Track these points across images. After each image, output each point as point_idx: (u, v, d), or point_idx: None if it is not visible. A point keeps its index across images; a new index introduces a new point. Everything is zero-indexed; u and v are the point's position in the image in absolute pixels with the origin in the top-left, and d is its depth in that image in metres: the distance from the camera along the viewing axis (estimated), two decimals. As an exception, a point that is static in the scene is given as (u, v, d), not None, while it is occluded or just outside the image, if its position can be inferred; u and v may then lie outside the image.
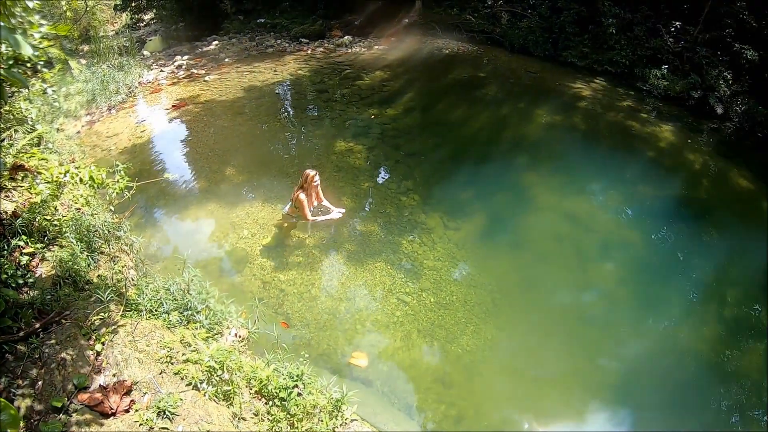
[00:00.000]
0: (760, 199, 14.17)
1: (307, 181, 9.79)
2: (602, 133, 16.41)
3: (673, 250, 11.57)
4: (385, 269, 9.55)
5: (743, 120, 18.34)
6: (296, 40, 23.24)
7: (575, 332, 9.00)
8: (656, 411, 8.09)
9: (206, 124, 14.44)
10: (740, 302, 10.45)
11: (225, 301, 7.04)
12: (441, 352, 8.18)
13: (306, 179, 9.78)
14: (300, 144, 14.01)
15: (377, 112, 15.72)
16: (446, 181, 12.50)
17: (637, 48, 21.05)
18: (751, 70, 19.25)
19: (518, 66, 21.15)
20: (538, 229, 11.28)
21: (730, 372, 8.96)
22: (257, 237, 9.96)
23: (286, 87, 17.87)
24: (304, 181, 9.81)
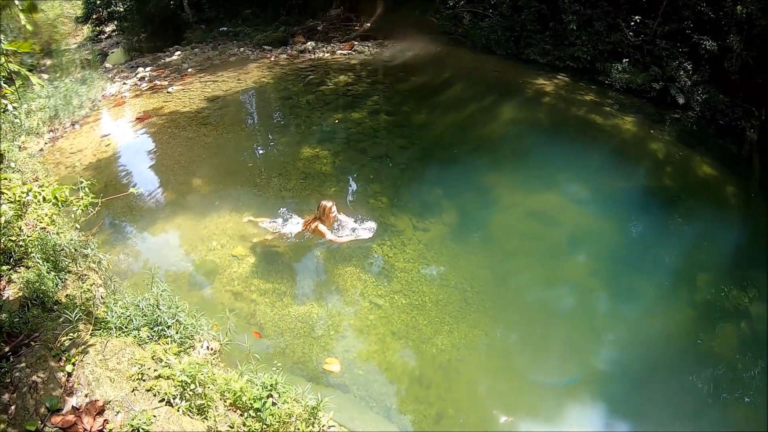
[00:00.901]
0: (724, 184, 14.49)
1: (324, 213, 9.84)
2: (566, 128, 16.61)
3: (642, 239, 11.82)
4: (356, 273, 9.57)
5: (705, 109, 18.71)
6: (259, 48, 23.18)
7: (549, 326, 9.11)
8: (634, 398, 8.23)
9: (171, 136, 14.36)
10: (710, 285, 10.65)
11: (196, 314, 7.01)
12: (416, 353, 8.21)
13: (323, 211, 9.84)
14: (266, 152, 14.04)
15: (342, 116, 15.74)
16: (413, 183, 12.56)
17: (598, 43, 21.35)
18: (711, 60, 19.59)
19: (481, 65, 21.29)
20: (506, 226, 11.38)
21: (705, 354, 9.15)
22: (226, 248, 9.91)
23: (251, 95, 17.84)
24: (321, 213, 9.87)
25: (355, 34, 23.94)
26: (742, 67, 18.96)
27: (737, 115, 18.47)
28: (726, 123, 18.37)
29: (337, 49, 22.52)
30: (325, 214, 9.82)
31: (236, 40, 24.55)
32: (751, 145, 17.22)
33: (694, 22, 20.34)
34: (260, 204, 11.28)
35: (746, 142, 17.41)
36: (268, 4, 27.11)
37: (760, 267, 11.31)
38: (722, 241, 11.89)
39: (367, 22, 24.81)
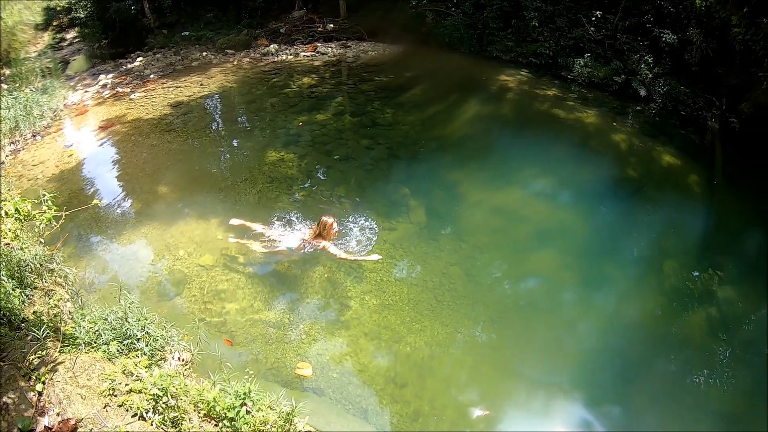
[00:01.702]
0: (687, 173, 14.77)
1: (325, 228, 9.84)
2: (530, 123, 16.75)
3: (609, 230, 11.98)
4: (326, 276, 9.60)
5: (666, 100, 19.01)
6: (222, 52, 22.97)
7: (522, 319, 9.28)
8: (610, 386, 8.40)
9: (135, 144, 14.21)
10: (679, 272, 10.91)
11: (165, 325, 6.99)
12: (389, 352, 8.28)
13: (324, 227, 9.83)
14: (231, 157, 13.96)
15: (306, 118, 15.73)
16: (380, 183, 12.63)
17: (560, 39, 21.55)
18: (671, 52, 19.94)
19: (445, 63, 21.37)
20: (474, 222, 11.50)
21: (677, 339, 9.41)
22: (194, 256, 9.87)
23: (214, 100, 17.72)
24: (322, 228, 9.86)
25: (318, 35, 23.85)
26: (702, 59, 19.29)
27: (698, 106, 18.82)
28: (687, 113, 18.68)
29: (300, 51, 22.44)
30: (326, 230, 9.83)
31: (198, 45, 24.31)
32: (713, 134, 17.53)
33: (655, 16, 20.73)
34: (227, 210, 11.21)
35: (708, 132, 17.72)
36: (229, 7, 26.95)
37: (725, 252, 11.65)
38: (688, 228, 12.18)
39: (330, 23, 24.76)
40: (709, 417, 8.21)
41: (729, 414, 8.29)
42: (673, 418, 8.14)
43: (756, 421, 8.20)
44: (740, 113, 17.67)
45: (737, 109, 17.88)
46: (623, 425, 7.85)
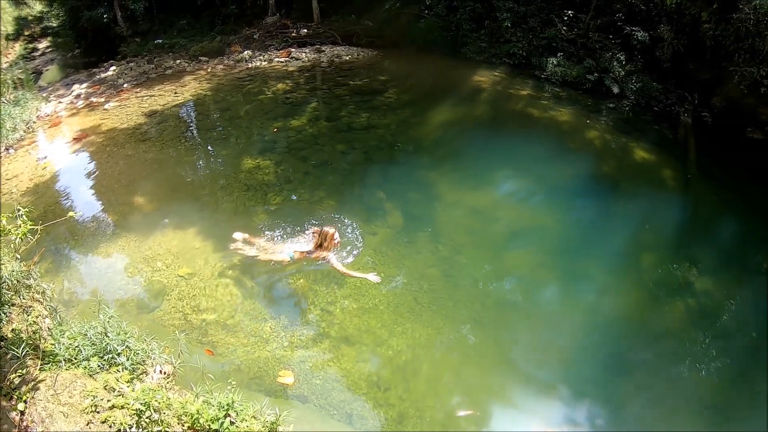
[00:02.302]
0: (662, 167, 14.99)
1: (326, 239, 9.68)
2: (505, 123, 16.91)
3: (585, 227, 12.12)
4: (306, 283, 9.59)
5: (639, 96, 19.27)
6: (195, 59, 22.84)
7: (502, 318, 9.36)
8: (593, 381, 8.51)
9: (110, 155, 14.09)
10: (657, 265, 11.07)
11: (146, 338, 6.98)
12: (372, 356, 8.32)
13: (326, 238, 9.68)
14: (207, 165, 13.93)
15: (281, 125, 15.68)
16: (357, 187, 12.68)
17: (533, 39, 21.74)
18: (643, 50, 20.21)
19: (418, 66, 21.42)
20: (451, 223, 11.55)
21: (657, 331, 9.56)
22: (172, 267, 9.82)
23: (189, 108, 17.63)
24: (323, 239, 9.70)
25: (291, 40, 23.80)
26: (674, 55, 19.57)
27: (671, 101, 19.10)
28: (661, 109, 18.94)
29: (274, 56, 22.35)
30: (327, 240, 9.70)
31: (172, 53, 24.18)
32: (686, 128, 17.79)
33: (626, 15, 21.01)
34: (204, 219, 11.20)
35: (681, 126, 17.97)
36: (202, 14, 26.86)
37: (701, 243, 11.85)
38: (664, 221, 12.39)
39: (304, 28, 24.74)
40: (693, 406, 8.37)
41: (712, 402, 8.47)
42: (657, 408, 8.27)
43: (737, 408, 8.42)
44: (712, 107, 17.96)
45: (709, 104, 18.18)
46: (608, 418, 7.98)
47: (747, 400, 8.62)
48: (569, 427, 7.72)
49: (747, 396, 8.68)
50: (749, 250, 12.01)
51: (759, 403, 8.43)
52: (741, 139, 16.35)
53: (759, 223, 12.94)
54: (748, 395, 8.68)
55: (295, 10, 26.69)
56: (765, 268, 11.47)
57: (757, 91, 15.81)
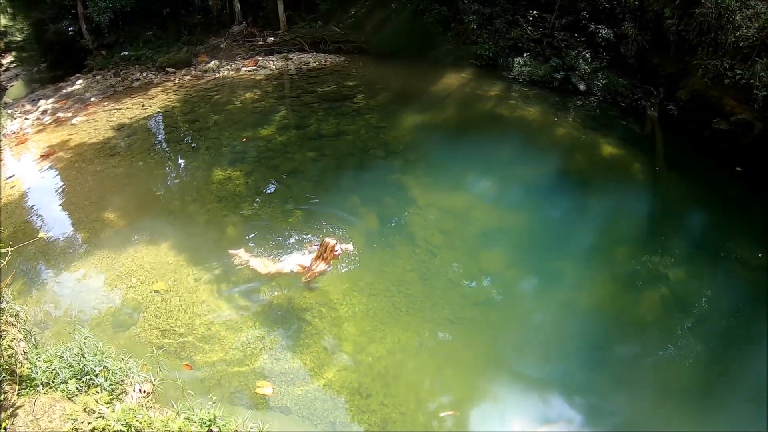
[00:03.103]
0: (630, 161, 15.22)
1: (327, 250, 9.43)
2: (475, 124, 17.08)
3: (557, 224, 12.34)
4: (282, 292, 9.60)
5: (605, 93, 19.56)
6: (162, 71, 22.67)
7: (479, 317, 9.47)
8: (573, 373, 8.70)
9: (79, 171, 13.96)
10: (630, 258, 11.29)
11: (123, 357, 6.89)
12: (352, 364, 8.36)
13: (326, 249, 9.43)
14: (178, 178, 13.89)
15: (250, 134, 15.66)
16: (329, 194, 12.66)
17: (499, 40, 21.93)
18: (608, 47, 20.50)
19: (386, 71, 21.49)
20: (425, 226, 11.64)
21: (634, 322, 9.79)
22: (146, 283, 9.76)
23: (157, 120, 17.50)
24: (324, 250, 9.46)
25: (259, 49, 23.74)
26: (638, 51, 19.91)
27: (637, 96, 19.47)
28: (627, 104, 19.28)
29: (241, 66, 22.28)
30: (327, 252, 9.47)
31: (138, 64, 23.94)
32: (653, 122, 18.07)
33: (590, 13, 21.32)
34: (176, 233, 11.16)
35: (647, 120, 18.27)
36: (168, 24, 26.67)
37: (672, 234, 12.10)
38: (635, 214, 12.62)
39: (271, 36, 24.67)
40: (672, 393, 8.57)
41: (690, 388, 8.69)
42: (637, 397, 8.44)
43: (714, 393, 8.65)
44: (678, 100, 18.22)
45: (675, 97, 18.45)
46: (589, 410, 8.12)
47: (724, 383, 8.84)
48: (559, 425, 7.84)
49: (723, 379, 8.89)
50: (719, 237, 12.33)
51: (735, 385, 8.71)
52: (707, 130, 16.62)
53: (727, 211, 13.30)
54: (724, 378, 8.90)
55: (262, 18, 26.62)
56: (735, 254, 11.72)
57: (721, 83, 16.10)
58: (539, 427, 7.72)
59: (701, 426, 7.97)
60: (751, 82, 14.93)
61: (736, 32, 15.76)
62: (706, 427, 7.96)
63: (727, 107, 16.19)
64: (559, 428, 7.79)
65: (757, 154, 15.04)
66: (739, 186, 14.50)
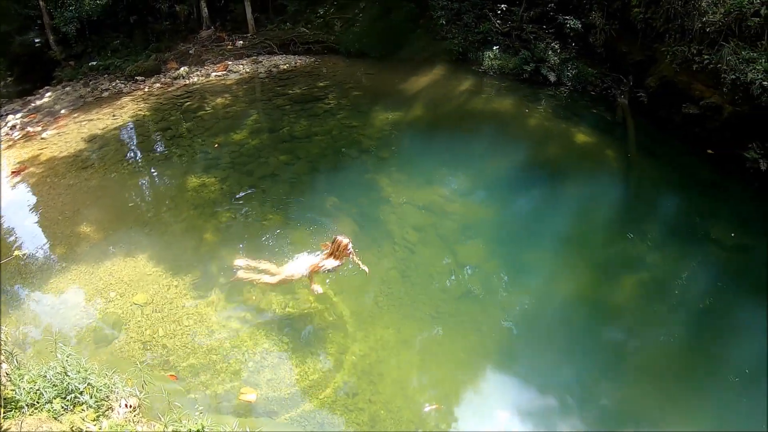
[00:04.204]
0: (603, 149, 15.55)
1: (339, 249, 9.08)
2: (447, 119, 17.25)
3: (533, 214, 12.57)
4: (263, 298, 9.66)
5: (576, 83, 19.79)
6: (132, 79, 22.35)
7: (460, 311, 9.65)
8: (554, 361, 8.90)
9: (51, 186, 13.79)
10: (607, 244, 11.61)
11: (107, 373, 6.86)
12: (337, 364, 8.46)
13: (338, 247, 9.07)
14: (152, 187, 13.83)
15: (222, 140, 15.62)
16: (304, 196, 12.76)
17: (468, 34, 22.02)
18: (576, 37, 20.72)
19: (356, 70, 21.52)
20: (402, 223, 11.78)
21: (613, 306, 10.06)
22: (126, 296, 9.73)
23: (129, 130, 17.32)
24: (336, 248, 9.10)
25: (228, 53, 23.58)
26: (606, 40, 20.08)
27: (607, 84, 19.67)
28: (597, 93, 19.50)
29: (211, 71, 22.12)
30: (340, 250, 9.11)
31: (107, 74, 23.62)
32: (623, 109, 18.27)
33: (558, 4, 21.56)
34: (153, 244, 11.13)
35: (618, 108, 18.48)
36: (135, 31, 26.40)
37: (646, 219, 12.42)
38: (610, 201, 12.94)
39: (240, 39, 24.52)
40: (655, 376, 8.80)
41: (670, 371, 8.93)
42: (622, 382, 8.68)
43: (696, 373, 8.94)
44: (647, 87, 18.37)
45: (644, 84, 18.59)
46: (575, 397, 8.32)
47: (703, 362, 9.11)
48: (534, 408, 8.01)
49: (702, 359, 9.16)
50: (693, 219, 12.63)
51: (714, 364, 9.04)
52: (677, 115, 16.80)
53: (700, 194, 13.61)
54: (703, 358, 9.16)
55: (230, 21, 26.44)
56: (710, 236, 11.95)
57: (689, 68, 16.28)
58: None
59: (686, 407, 8.19)
60: (719, 66, 15.11)
61: (702, 18, 15.94)
62: (691, 408, 8.19)
63: (696, 92, 16.37)
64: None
65: (727, 137, 15.21)
66: (711, 168, 14.77)
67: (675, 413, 8.18)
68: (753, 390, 8.53)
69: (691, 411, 8.23)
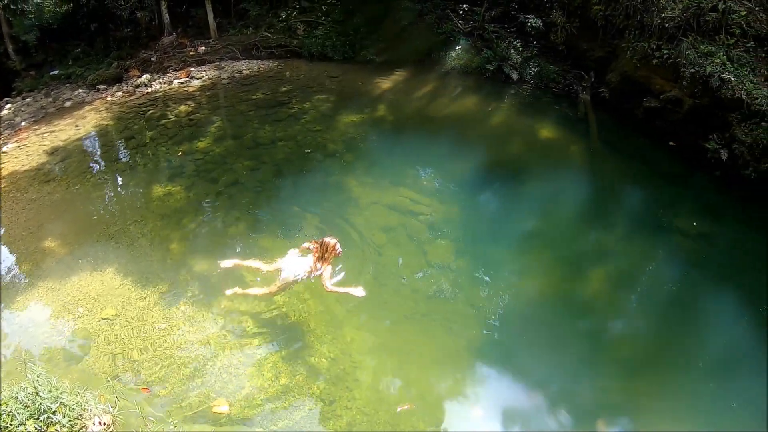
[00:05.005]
0: (567, 144, 15.84)
1: (327, 250, 9.01)
2: (411, 120, 17.30)
3: (500, 211, 12.78)
4: (232, 305, 9.62)
5: (538, 80, 19.97)
6: (94, 88, 22.04)
7: (431, 310, 9.75)
8: (528, 356, 9.04)
9: (13, 201, 13.55)
10: (572, 238, 11.81)
11: (79, 390, 6.79)
12: (309, 370, 8.46)
13: (327, 249, 9.00)
14: (117, 199, 13.68)
15: (186, 148, 15.53)
16: (272, 202, 12.79)
17: (431, 35, 22.12)
18: (538, 36, 20.93)
19: (319, 74, 21.47)
20: (370, 225, 11.83)
21: (582, 299, 10.27)
22: (94, 311, 9.62)
23: (92, 140, 17.10)
24: (324, 250, 9.02)
25: (190, 59, 23.41)
26: (567, 38, 20.27)
27: (569, 81, 19.90)
28: (560, 90, 19.74)
29: (173, 78, 21.93)
30: (328, 251, 9.04)
31: (69, 83, 23.30)
32: (585, 105, 18.50)
33: (519, 3, 21.81)
34: (120, 257, 11.03)
35: (581, 104, 18.69)
36: (97, 39, 26.11)
37: (613, 212, 12.69)
38: (575, 195, 13.12)
39: (202, 45, 24.36)
40: (627, 367, 9.01)
41: (643, 361, 9.13)
42: (597, 373, 8.86)
43: (664, 364, 9.09)
44: (608, 83, 18.63)
45: (605, 80, 18.85)
46: (546, 393, 8.44)
47: (674, 350, 9.30)
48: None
49: (674, 347, 9.35)
50: (657, 210, 12.81)
51: (685, 351, 9.26)
52: (638, 109, 17.10)
53: (663, 185, 13.87)
54: (674, 346, 9.35)
55: (192, 27, 26.25)
56: (674, 226, 12.21)
57: (649, 63, 16.54)
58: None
59: (661, 395, 8.38)
60: (678, 60, 15.39)
61: (661, 14, 16.22)
62: (666, 395, 8.37)
63: (657, 86, 16.66)
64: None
65: (688, 129, 15.53)
66: (673, 160, 15.09)
67: (651, 402, 8.35)
68: (723, 375, 8.79)
69: (666, 399, 8.37)
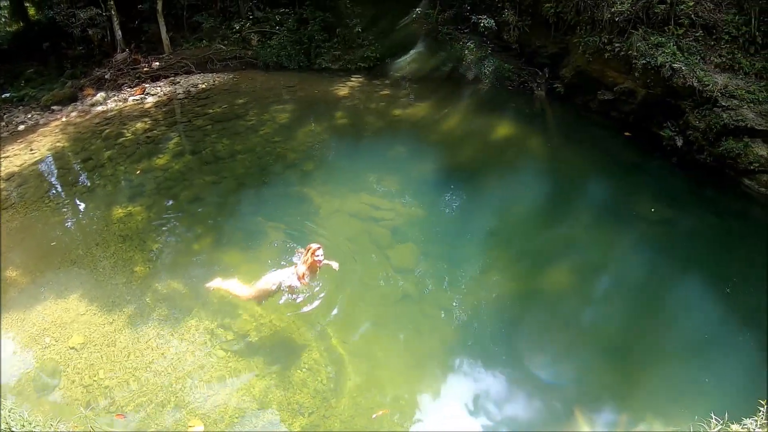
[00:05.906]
0: (525, 140, 16.19)
1: (309, 253, 9.16)
2: (369, 126, 17.54)
3: (461, 211, 12.83)
4: (202, 324, 9.60)
5: (493, 79, 20.28)
6: (48, 110, 21.75)
7: (400, 314, 9.89)
8: (497, 352, 9.10)
9: (-30, 232, 13.26)
10: (535, 231, 11.97)
11: (52, 423, 6.75)
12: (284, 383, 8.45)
13: (309, 253, 9.17)
14: (77, 223, 13.49)
15: (145, 166, 15.42)
16: (234, 216, 12.77)
17: (385, 40, 22.48)
18: (491, 35, 21.18)
19: (276, 83, 21.55)
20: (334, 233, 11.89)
21: (549, 291, 10.39)
22: (62, 340, 9.49)
23: (49, 164, 16.82)
24: (306, 252, 9.22)
25: (145, 76, 23.24)
26: (520, 36, 20.65)
27: (524, 78, 20.39)
28: (515, 87, 20.19)
29: (129, 95, 21.75)
30: (309, 255, 9.19)
31: (22, 106, 22.88)
32: (541, 101, 19.00)
33: (471, 5, 21.91)
34: (84, 282, 10.86)
35: (536, 100, 19.13)
36: (49, 59, 25.80)
37: (575, 203, 12.87)
38: (535, 190, 13.25)
39: (156, 61, 24.17)
40: (597, 353, 9.15)
41: (612, 346, 9.28)
42: (572, 364, 9.01)
43: (634, 348, 9.28)
44: (562, 78, 19.00)
45: (560, 75, 19.26)
46: (520, 388, 8.59)
47: (646, 334, 9.49)
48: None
49: (645, 330, 9.55)
50: (617, 200, 13.13)
51: (656, 334, 9.48)
52: (593, 102, 17.50)
53: (621, 174, 14.22)
54: (646, 330, 9.55)
55: (145, 42, 26.02)
56: (634, 212, 12.49)
57: (602, 57, 16.90)
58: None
59: (636, 379, 8.58)
60: (630, 53, 15.75)
61: (611, 8, 16.55)
62: (643, 379, 8.57)
63: (610, 78, 17.02)
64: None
65: (642, 118, 16.06)
66: (630, 149, 15.56)
67: (628, 387, 8.55)
68: (693, 354, 9.08)
69: (641, 381, 8.56)
